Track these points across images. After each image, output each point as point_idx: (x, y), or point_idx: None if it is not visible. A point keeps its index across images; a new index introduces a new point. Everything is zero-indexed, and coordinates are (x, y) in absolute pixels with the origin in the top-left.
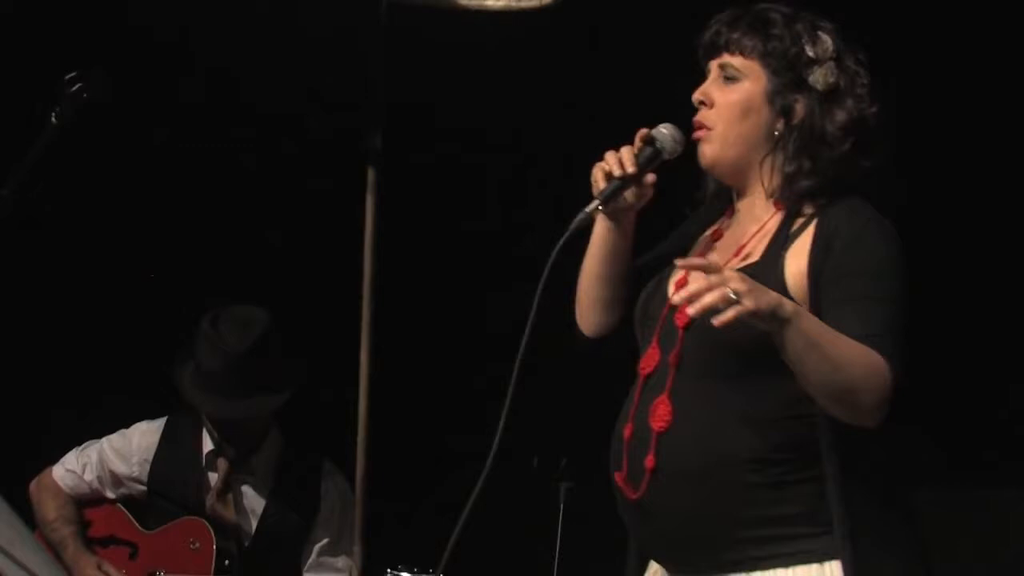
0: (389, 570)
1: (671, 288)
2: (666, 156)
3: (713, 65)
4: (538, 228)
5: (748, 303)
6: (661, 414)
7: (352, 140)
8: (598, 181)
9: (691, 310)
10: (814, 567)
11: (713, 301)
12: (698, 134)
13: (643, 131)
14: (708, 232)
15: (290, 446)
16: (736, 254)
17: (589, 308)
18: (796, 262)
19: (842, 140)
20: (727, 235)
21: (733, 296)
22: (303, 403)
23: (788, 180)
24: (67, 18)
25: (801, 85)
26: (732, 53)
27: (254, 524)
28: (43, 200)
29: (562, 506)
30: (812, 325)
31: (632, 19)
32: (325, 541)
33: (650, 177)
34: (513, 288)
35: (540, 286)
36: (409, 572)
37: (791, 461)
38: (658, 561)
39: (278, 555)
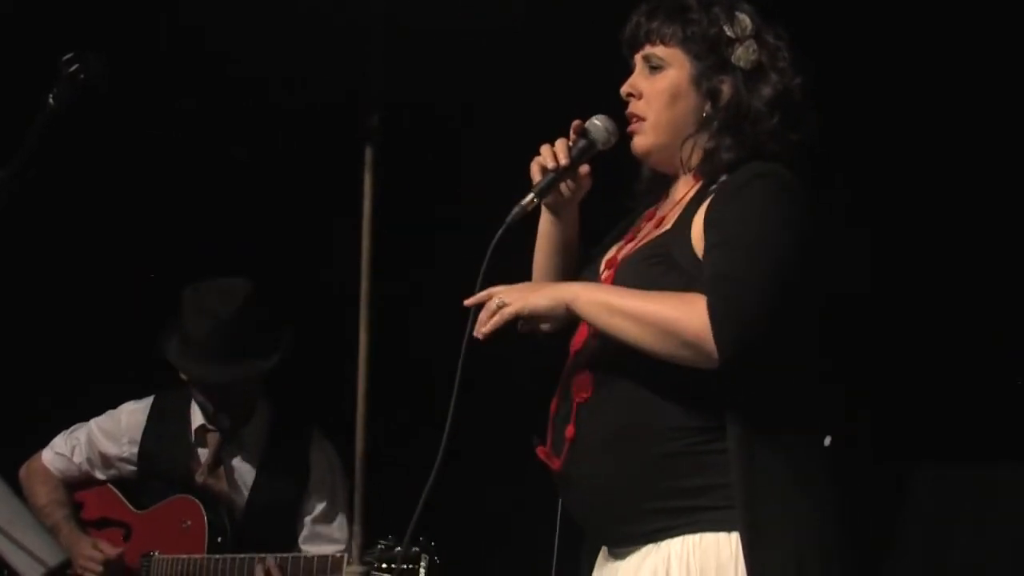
0: (379, 541)
1: (602, 266)
2: (600, 147)
3: (637, 58)
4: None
5: (514, 307)
6: (582, 385)
7: (350, 118)
8: (534, 175)
9: (477, 333)
10: (721, 535)
11: (483, 317)
12: (632, 128)
13: (576, 123)
14: (644, 216)
15: (279, 417)
16: (655, 226)
17: None
18: (698, 221)
19: (769, 115)
20: (657, 214)
21: (496, 304)
22: (300, 381)
23: (707, 155)
24: (66, 3)
25: (725, 66)
26: (653, 43)
27: (245, 496)
28: (35, 181)
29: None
30: (601, 294)
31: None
32: (318, 511)
33: (584, 168)
34: (512, 264)
35: (479, 280)
36: (398, 543)
37: (701, 431)
38: (585, 532)
39: (271, 527)
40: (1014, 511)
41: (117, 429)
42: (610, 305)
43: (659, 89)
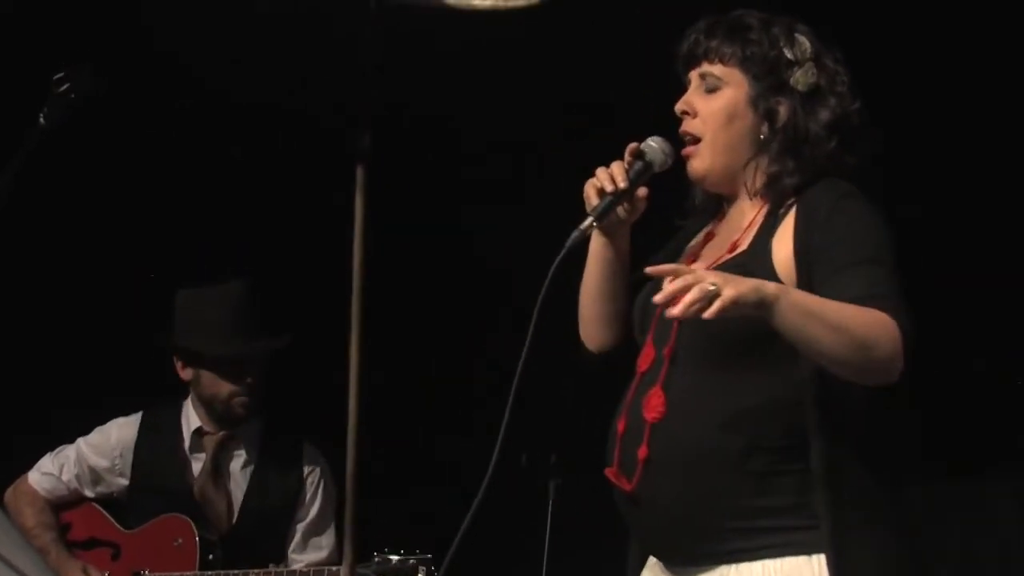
0: (376, 554)
1: (666, 285)
2: (656, 169)
3: (693, 75)
4: (529, 224)
5: (729, 292)
6: (654, 405)
7: (341, 139)
8: (590, 198)
9: (676, 311)
10: (802, 559)
11: (694, 297)
12: (687, 150)
13: (633, 145)
14: (701, 235)
15: (271, 427)
16: (729, 250)
17: (592, 324)
18: (782, 246)
19: (827, 139)
20: (718, 235)
21: (712, 288)
22: (291, 400)
23: (772, 180)
24: (62, 14)
25: (782, 88)
26: (711, 61)
27: (239, 501)
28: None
29: (551, 503)
30: (802, 297)
31: (622, 19)
32: (309, 520)
33: (642, 191)
34: (503, 285)
35: (538, 305)
36: (396, 555)
37: (782, 450)
38: (652, 553)
39: (262, 536)
40: (1005, 519)
41: (107, 444)
42: (810, 311)
43: (715, 108)
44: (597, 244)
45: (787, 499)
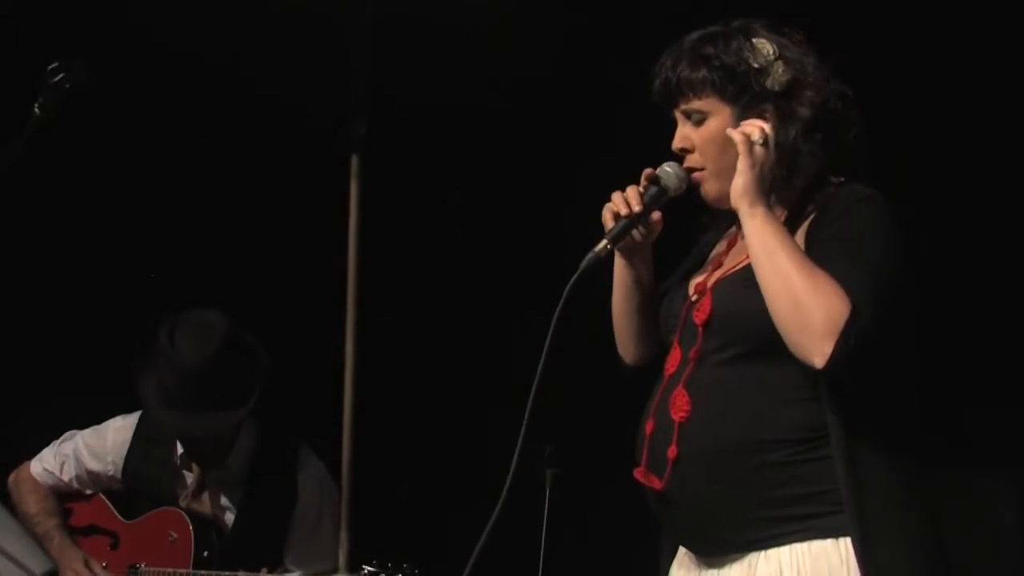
0: (364, 566)
1: (691, 289)
2: (671, 193)
3: (677, 113)
4: (521, 212)
5: (759, 155)
6: (680, 405)
7: (335, 127)
8: (607, 221)
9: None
10: (829, 542)
11: (751, 130)
12: (696, 176)
13: (648, 171)
14: (724, 243)
15: (266, 436)
16: (747, 256)
17: (627, 340)
18: None
19: (814, 130)
20: (739, 243)
21: (758, 139)
22: (286, 397)
23: (781, 185)
24: (56, 6)
25: (762, 98)
26: (687, 98)
27: (231, 520)
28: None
29: (548, 492)
30: (774, 234)
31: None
32: (306, 529)
33: (656, 215)
34: (497, 275)
35: (553, 323)
36: (384, 568)
37: (804, 441)
38: (684, 545)
39: (258, 546)
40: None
41: (103, 447)
42: (771, 252)
43: (707, 139)
44: (620, 266)
45: (811, 487)
